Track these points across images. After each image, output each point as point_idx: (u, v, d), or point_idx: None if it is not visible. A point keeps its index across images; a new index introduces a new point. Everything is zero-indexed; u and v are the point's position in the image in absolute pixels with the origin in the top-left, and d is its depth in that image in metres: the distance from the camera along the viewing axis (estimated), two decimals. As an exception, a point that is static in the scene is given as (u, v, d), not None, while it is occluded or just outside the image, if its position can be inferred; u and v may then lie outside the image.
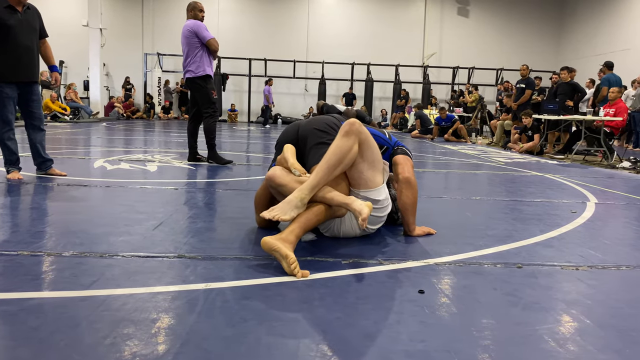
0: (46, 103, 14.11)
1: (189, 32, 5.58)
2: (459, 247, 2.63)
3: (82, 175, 4.58)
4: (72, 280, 1.92)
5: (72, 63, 19.02)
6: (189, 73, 5.65)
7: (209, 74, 5.67)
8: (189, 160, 5.89)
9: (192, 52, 5.59)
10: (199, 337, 1.50)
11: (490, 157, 8.27)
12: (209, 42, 5.58)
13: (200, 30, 5.55)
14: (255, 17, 20.04)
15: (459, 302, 1.87)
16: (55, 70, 4.67)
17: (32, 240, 2.43)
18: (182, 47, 5.71)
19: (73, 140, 8.49)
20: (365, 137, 2.47)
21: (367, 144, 2.49)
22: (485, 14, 20.62)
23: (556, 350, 1.51)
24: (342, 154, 2.37)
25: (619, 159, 7.80)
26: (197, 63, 5.59)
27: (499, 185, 5.18)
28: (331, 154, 2.37)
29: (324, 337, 1.53)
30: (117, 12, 19.50)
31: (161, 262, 2.18)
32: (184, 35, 5.64)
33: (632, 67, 14.28)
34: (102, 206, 3.38)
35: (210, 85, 5.69)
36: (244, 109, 20.18)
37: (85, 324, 1.55)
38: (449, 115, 12.93)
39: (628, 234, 3.18)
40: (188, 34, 5.59)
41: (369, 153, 2.51)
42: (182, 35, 5.69)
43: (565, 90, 9.82)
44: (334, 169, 2.36)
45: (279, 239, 2.14)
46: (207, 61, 5.67)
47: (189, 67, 5.63)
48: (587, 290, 2.06)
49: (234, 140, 10.00)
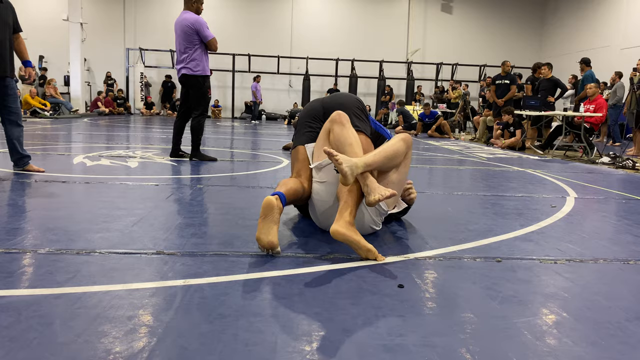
0: (25, 98, 13.87)
1: (190, 28, 5.38)
2: (440, 241, 2.63)
3: (62, 171, 4.50)
4: (47, 277, 1.88)
5: (52, 58, 18.69)
6: (186, 70, 5.47)
7: (208, 74, 5.59)
8: (171, 156, 5.83)
9: (190, 48, 5.43)
10: (176, 333, 1.48)
11: (472, 153, 8.33)
12: (210, 42, 5.47)
13: (202, 28, 5.40)
14: (239, 12, 19.90)
15: (438, 296, 1.87)
16: (29, 66, 4.58)
17: (8, 237, 2.38)
18: (176, 38, 5.51)
19: (53, 136, 8.36)
20: (410, 154, 2.70)
21: (409, 160, 2.70)
22: (469, 11, 20.74)
23: (533, 343, 1.52)
24: (396, 155, 2.56)
25: (599, 155, 7.91)
26: (197, 61, 5.45)
27: (480, 180, 5.22)
28: (390, 150, 2.53)
29: (303, 333, 1.53)
30: (98, 6, 19.21)
31: (139, 258, 2.15)
32: (182, 29, 5.42)
33: (612, 64, 14.48)
34: (81, 203, 3.32)
35: (207, 84, 5.61)
36: (228, 104, 20.05)
37: (59, 322, 1.52)
38: (433, 111, 12.99)
39: (606, 228, 3.22)
40: (188, 30, 5.39)
41: (404, 169, 2.68)
42: (178, 27, 5.46)
43: (546, 86, 9.91)
44: (387, 162, 2.52)
45: (348, 228, 2.20)
46: (206, 60, 5.56)
47: (187, 64, 5.45)
48: (565, 283, 2.08)
49: (218, 136, 9.93)
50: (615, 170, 6.53)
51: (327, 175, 2.57)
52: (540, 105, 9.27)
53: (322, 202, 2.60)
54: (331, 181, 2.55)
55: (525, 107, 9.45)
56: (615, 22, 16.19)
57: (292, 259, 2.23)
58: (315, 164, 2.62)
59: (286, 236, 2.61)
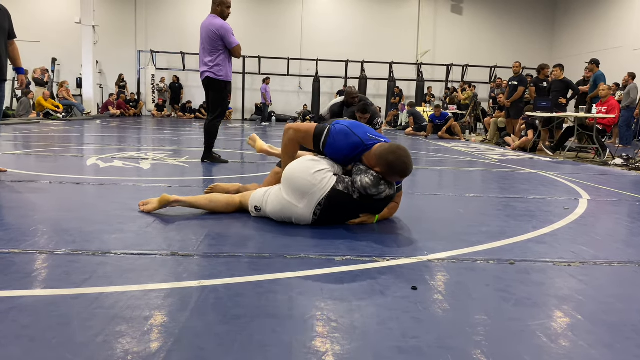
0: (39, 101, 14.02)
1: (215, 34, 5.39)
2: (452, 243, 2.63)
3: (75, 173, 4.55)
4: (64, 278, 1.91)
5: (64, 60, 18.89)
6: (210, 74, 5.50)
7: (230, 80, 5.66)
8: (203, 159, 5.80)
9: (214, 52, 5.45)
10: (192, 334, 1.50)
11: (483, 155, 8.30)
12: (234, 49, 5.50)
13: (227, 35, 5.41)
14: (249, 14, 19.96)
15: (452, 299, 1.87)
16: (22, 73, 4.63)
17: (24, 238, 2.41)
18: (201, 41, 5.53)
19: (66, 138, 8.44)
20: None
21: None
22: (479, 12, 20.65)
23: (548, 345, 1.52)
24: (285, 150, 3.10)
25: (611, 156, 7.84)
26: (220, 66, 5.48)
27: (492, 182, 5.20)
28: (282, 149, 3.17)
29: (318, 334, 1.53)
30: (110, 9, 19.37)
31: (154, 259, 2.17)
32: (207, 33, 5.44)
33: (624, 65, 14.35)
34: (95, 204, 3.36)
35: (228, 89, 5.69)
36: (238, 106, 20.12)
37: (77, 322, 1.54)
38: (443, 112, 12.95)
39: (620, 230, 3.19)
40: (213, 35, 5.40)
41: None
42: (204, 30, 5.48)
43: (558, 87, 9.86)
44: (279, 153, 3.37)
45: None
46: (229, 66, 5.61)
47: (211, 68, 5.48)
48: (579, 286, 2.08)
49: (228, 138, 9.97)
50: (628, 172, 6.47)
51: (273, 204, 2.89)
52: (552, 106, 9.21)
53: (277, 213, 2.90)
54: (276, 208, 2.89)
55: (536, 109, 9.40)
56: (628, 23, 16.04)
57: (305, 260, 2.24)
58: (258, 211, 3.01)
59: (298, 238, 2.62)
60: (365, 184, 2.73)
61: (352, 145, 2.85)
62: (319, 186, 2.71)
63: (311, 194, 2.72)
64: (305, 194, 2.72)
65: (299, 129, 2.98)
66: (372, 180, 2.74)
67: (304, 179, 2.72)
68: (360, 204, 2.83)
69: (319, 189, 2.71)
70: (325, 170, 2.77)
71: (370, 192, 2.75)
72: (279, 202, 2.82)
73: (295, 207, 2.76)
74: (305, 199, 2.73)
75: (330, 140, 2.85)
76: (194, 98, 19.87)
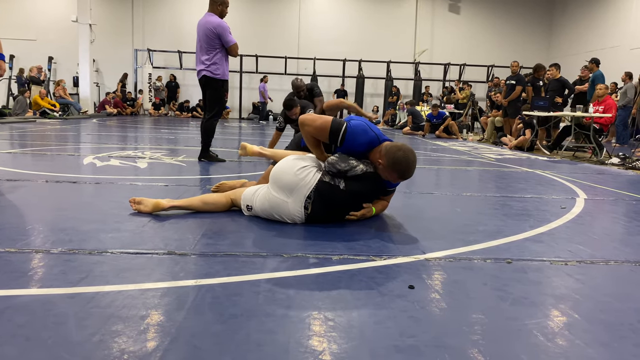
0: (35, 99, 13.97)
1: (212, 32, 5.38)
2: (450, 242, 2.63)
3: (72, 172, 4.54)
4: (60, 277, 1.90)
5: (61, 59, 18.83)
6: (207, 72, 5.49)
7: (227, 78, 5.65)
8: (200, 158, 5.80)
9: (211, 51, 5.44)
10: (188, 333, 1.49)
11: (481, 154, 8.31)
12: (231, 48, 5.49)
13: (224, 34, 5.40)
14: (247, 12, 19.93)
15: (449, 297, 1.87)
16: (1, 59, 4.55)
17: (20, 237, 2.40)
18: (198, 39, 5.51)
19: (62, 137, 8.42)
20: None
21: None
22: (476, 11, 20.66)
23: (545, 344, 1.52)
24: (280, 153, 3.31)
25: (608, 155, 7.86)
26: (218, 65, 5.47)
27: (489, 181, 5.20)
28: (278, 152, 3.39)
29: (314, 333, 1.53)
30: (107, 7, 19.32)
31: (151, 258, 2.17)
32: (204, 31, 5.43)
33: (622, 64, 14.37)
34: (92, 203, 3.35)
35: (225, 88, 5.67)
36: (235, 105, 20.09)
37: (73, 321, 1.53)
38: (440, 112, 12.96)
39: (616, 229, 3.20)
40: (210, 34, 5.39)
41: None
42: (201, 29, 5.47)
43: (554, 86, 9.87)
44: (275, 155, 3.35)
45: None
46: (226, 64, 5.60)
47: (208, 66, 5.47)
48: (576, 285, 2.08)
49: (226, 137, 9.96)
50: (625, 171, 6.49)
51: (261, 202, 2.92)
52: (549, 106, 9.23)
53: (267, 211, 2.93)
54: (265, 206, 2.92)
55: (534, 108, 9.41)
56: (625, 23, 16.08)
57: (302, 259, 2.24)
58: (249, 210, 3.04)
59: (295, 237, 2.61)
60: (331, 160, 2.80)
61: (369, 141, 2.88)
62: (304, 181, 2.76)
63: (298, 189, 2.77)
64: (292, 189, 2.78)
65: (313, 123, 2.92)
66: (337, 157, 2.81)
67: (289, 176, 2.78)
68: (350, 194, 2.83)
69: (304, 184, 2.76)
70: (309, 166, 2.83)
71: (338, 166, 2.78)
72: (267, 200, 2.86)
73: (285, 203, 2.80)
74: (294, 194, 2.78)
75: (349, 137, 2.86)
76: (191, 97, 19.85)
